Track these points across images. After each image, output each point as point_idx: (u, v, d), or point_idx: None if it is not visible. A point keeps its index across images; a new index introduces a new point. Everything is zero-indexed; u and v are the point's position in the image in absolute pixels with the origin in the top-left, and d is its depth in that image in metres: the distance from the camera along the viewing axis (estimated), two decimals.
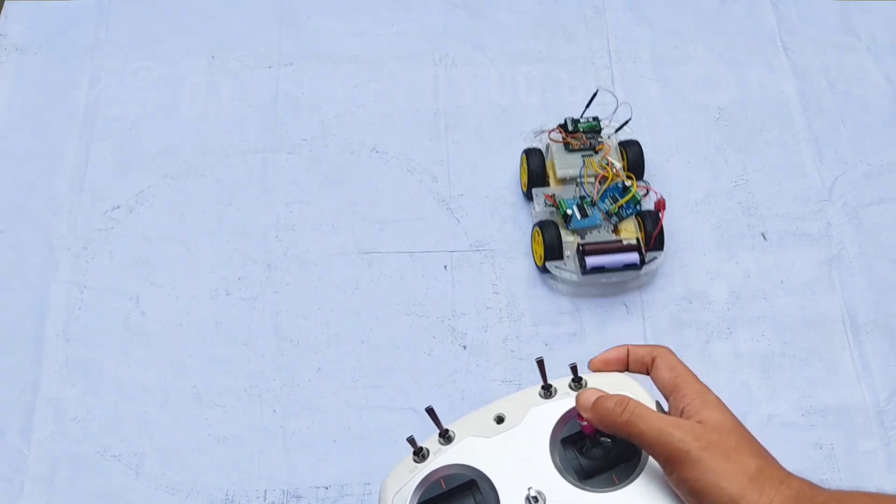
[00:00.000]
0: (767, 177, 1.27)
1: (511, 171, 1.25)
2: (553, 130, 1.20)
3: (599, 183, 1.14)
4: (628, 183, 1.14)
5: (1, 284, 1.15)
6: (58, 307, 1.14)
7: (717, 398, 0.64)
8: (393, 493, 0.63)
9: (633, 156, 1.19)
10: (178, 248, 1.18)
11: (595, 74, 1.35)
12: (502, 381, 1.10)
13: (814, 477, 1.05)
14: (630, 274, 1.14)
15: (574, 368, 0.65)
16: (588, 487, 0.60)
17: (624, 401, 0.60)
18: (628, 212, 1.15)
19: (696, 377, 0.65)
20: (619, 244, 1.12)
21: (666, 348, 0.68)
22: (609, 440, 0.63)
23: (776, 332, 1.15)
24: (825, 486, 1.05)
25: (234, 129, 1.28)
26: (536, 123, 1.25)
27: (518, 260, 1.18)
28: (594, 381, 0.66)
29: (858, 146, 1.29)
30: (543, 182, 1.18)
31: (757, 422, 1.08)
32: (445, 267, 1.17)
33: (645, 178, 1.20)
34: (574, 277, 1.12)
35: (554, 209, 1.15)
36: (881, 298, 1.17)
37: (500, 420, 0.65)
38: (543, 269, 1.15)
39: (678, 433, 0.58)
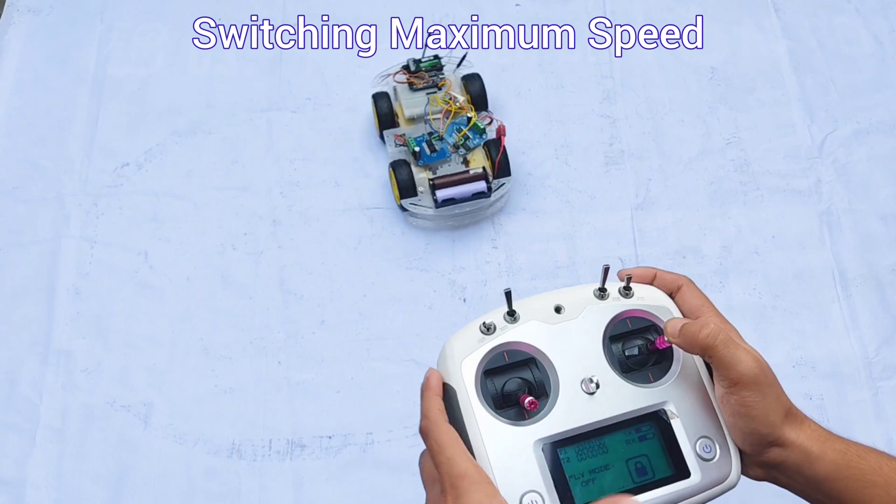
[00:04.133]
0: (759, 135, 1.22)
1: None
2: (397, 73, 1.17)
3: (445, 117, 1.12)
4: (470, 114, 1.12)
5: (13, 240, 1.11)
6: (69, 262, 1.10)
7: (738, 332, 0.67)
8: (461, 359, 0.65)
9: (474, 89, 1.17)
10: (186, 204, 1.14)
11: (591, 35, 1.29)
12: None
13: None
14: (482, 202, 1.11)
15: (628, 278, 0.68)
16: (629, 381, 0.65)
17: (709, 328, 0.62)
18: (475, 142, 1.12)
19: (717, 310, 0.68)
20: (466, 174, 1.10)
21: (690, 279, 0.70)
22: (644, 344, 0.67)
23: (767, 286, 1.11)
24: None
25: (240, 88, 1.23)
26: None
27: (516, 215, 1.14)
28: (640, 291, 0.69)
29: (848, 105, 1.24)
30: (393, 123, 1.16)
31: None
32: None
33: (492, 109, 1.18)
34: (429, 212, 1.10)
35: (405, 148, 1.13)
36: (869, 253, 1.13)
37: (558, 310, 0.67)
38: (402, 208, 1.12)
39: (753, 363, 0.60)
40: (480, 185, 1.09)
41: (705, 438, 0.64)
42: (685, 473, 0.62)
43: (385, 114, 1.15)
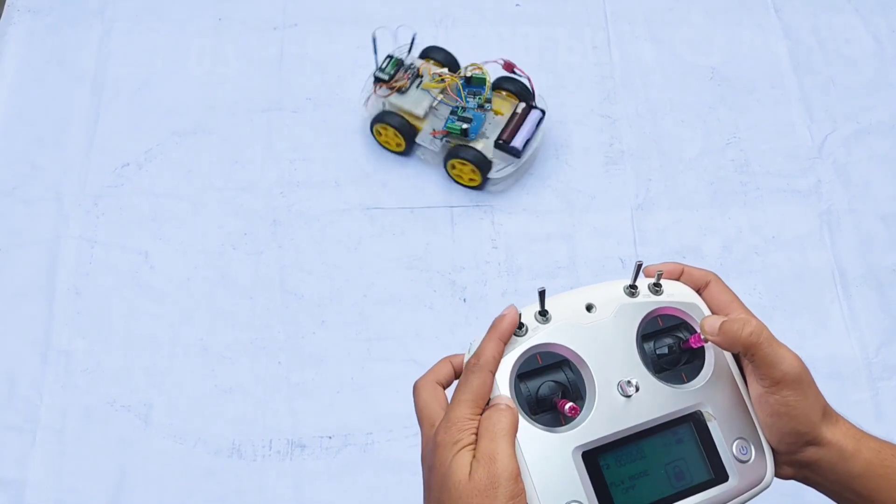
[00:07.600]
0: (759, 135, 1.21)
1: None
2: (375, 91, 1.15)
3: (452, 92, 1.14)
4: (469, 73, 1.14)
5: (13, 240, 1.11)
6: (69, 262, 1.09)
7: None
8: None
9: (442, 57, 1.18)
10: (186, 204, 1.14)
11: (591, 35, 1.29)
12: None
13: None
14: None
15: (659, 275, 0.67)
16: (663, 381, 0.63)
17: (751, 326, 0.61)
18: (490, 93, 1.14)
19: (746, 306, 0.66)
20: (516, 116, 1.13)
21: (717, 275, 0.69)
22: (676, 343, 0.66)
23: (767, 286, 1.10)
24: None
25: (240, 89, 1.23)
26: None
27: (517, 215, 1.14)
28: (669, 288, 0.67)
29: (847, 105, 1.24)
30: (411, 130, 1.15)
31: None
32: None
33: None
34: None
35: (445, 141, 1.13)
36: (869, 253, 1.12)
37: (589, 308, 0.66)
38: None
39: (796, 362, 0.60)
40: (535, 114, 1.13)
41: (741, 440, 0.63)
42: (723, 477, 0.62)
43: (404, 125, 1.14)
